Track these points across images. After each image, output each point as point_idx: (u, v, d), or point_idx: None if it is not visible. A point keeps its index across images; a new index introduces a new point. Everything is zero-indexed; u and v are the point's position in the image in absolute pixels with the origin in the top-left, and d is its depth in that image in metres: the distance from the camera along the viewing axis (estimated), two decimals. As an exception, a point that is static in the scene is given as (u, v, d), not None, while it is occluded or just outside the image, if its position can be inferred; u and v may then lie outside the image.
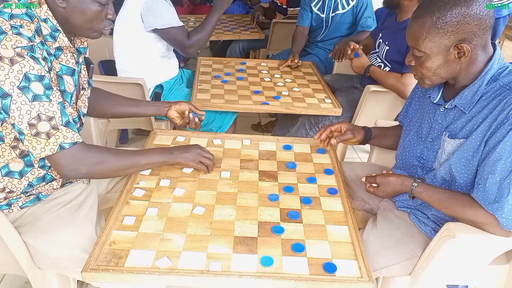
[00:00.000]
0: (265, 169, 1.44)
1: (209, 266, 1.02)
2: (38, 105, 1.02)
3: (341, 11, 2.69)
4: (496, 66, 1.09)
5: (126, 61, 2.16)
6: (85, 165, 1.13)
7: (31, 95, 1.01)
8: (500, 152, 1.02)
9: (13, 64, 0.99)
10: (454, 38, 1.04)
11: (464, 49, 1.05)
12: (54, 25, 1.12)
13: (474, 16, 1.01)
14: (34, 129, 1.03)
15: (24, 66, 1.00)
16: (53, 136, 1.05)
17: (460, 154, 1.12)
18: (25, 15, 1.07)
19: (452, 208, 1.12)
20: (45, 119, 1.04)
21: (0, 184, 1.16)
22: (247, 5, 4.28)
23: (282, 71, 2.43)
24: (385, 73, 2.06)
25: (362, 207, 1.51)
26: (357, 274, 1.02)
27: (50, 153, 1.07)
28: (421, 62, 1.12)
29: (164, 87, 2.22)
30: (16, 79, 0.99)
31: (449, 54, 1.07)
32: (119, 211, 1.18)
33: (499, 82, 1.08)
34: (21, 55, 1.00)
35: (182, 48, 2.10)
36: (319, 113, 2.01)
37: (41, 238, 1.16)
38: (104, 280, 1.01)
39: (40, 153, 1.06)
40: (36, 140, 1.04)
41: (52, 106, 1.05)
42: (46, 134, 1.04)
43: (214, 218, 1.18)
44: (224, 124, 2.15)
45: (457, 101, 1.14)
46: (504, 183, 1.02)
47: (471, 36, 1.03)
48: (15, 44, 1.00)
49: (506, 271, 1.31)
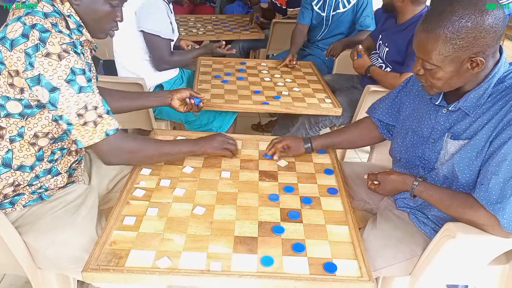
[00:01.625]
0: (265, 169, 1.44)
1: (209, 266, 1.02)
2: (84, 96, 1.08)
3: (342, 9, 2.69)
4: (503, 69, 1.08)
5: (125, 61, 2.16)
6: (125, 152, 1.20)
7: (77, 87, 1.07)
8: (505, 153, 1.02)
9: (61, 59, 1.04)
10: (469, 52, 1.01)
11: (478, 62, 1.02)
12: (77, 21, 1.17)
13: (490, 30, 0.98)
14: (83, 118, 1.09)
15: (70, 61, 1.06)
16: (99, 124, 1.12)
17: (463, 154, 1.12)
18: (55, 13, 1.11)
19: (453, 208, 1.12)
20: (91, 109, 1.10)
21: (11, 179, 1.16)
22: (247, 5, 4.28)
23: (282, 71, 2.43)
24: (384, 73, 2.07)
25: (362, 207, 1.51)
26: (357, 273, 1.03)
27: (98, 140, 1.12)
28: (432, 73, 1.08)
29: (164, 86, 2.22)
30: (64, 73, 1.05)
31: (462, 66, 1.04)
32: (120, 211, 1.18)
33: (505, 83, 1.07)
34: (67, 50, 1.06)
35: (159, 60, 2.11)
36: (319, 113, 2.01)
37: (41, 238, 1.16)
38: (105, 280, 1.02)
39: (88, 141, 1.12)
40: (84, 129, 1.10)
41: (95, 96, 1.11)
42: (93, 123, 1.11)
43: (214, 218, 1.18)
44: (224, 124, 2.16)
45: (462, 104, 1.12)
46: (508, 185, 1.02)
47: (486, 48, 1.01)
48: (61, 41, 1.05)
49: (506, 271, 1.31)
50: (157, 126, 2.18)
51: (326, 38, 2.84)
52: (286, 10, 3.70)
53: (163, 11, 2.04)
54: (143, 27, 2.02)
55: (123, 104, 1.54)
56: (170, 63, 2.14)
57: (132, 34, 2.06)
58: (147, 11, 2.00)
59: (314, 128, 2.27)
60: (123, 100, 1.54)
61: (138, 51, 2.12)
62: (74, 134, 1.11)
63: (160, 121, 2.24)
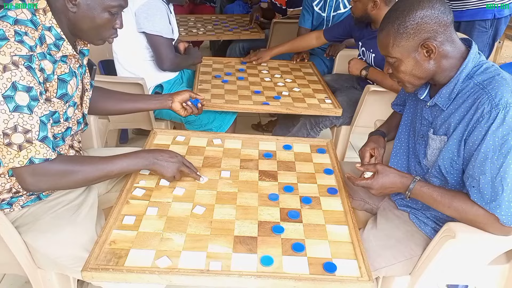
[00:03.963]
0: (265, 169, 1.44)
1: (209, 266, 1.02)
2: (17, 116, 1.00)
3: (342, 10, 2.70)
4: (471, 64, 1.12)
5: (125, 61, 2.16)
6: (46, 180, 1.09)
7: (13, 105, 0.99)
8: (485, 151, 1.04)
9: (5, 71, 0.98)
10: (418, 38, 1.10)
11: (430, 47, 1.09)
12: (58, 33, 1.11)
13: (430, 16, 1.08)
14: (7, 138, 1.00)
15: (15, 75, 0.99)
16: (24, 149, 1.03)
17: (445, 154, 1.15)
18: (29, 22, 1.06)
19: (453, 208, 1.12)
20: (21, 131, 1.01)
21: (7, 185, 1.16)
22: (247, 5, 4.28)
23: (282, 71, 2.43)
24: (384, 74, 2.06)
25: (362, 207, 1.51)
26: (357, 273, 1.02)
27: (18, 166, 1.04)
28: (396, 67, 1.17)
29: (164, 87, 2.22)
30: (3, 86, 0.98)
31: (418, 54, 1.12)
32: (119, 210, 1.18)
33: (474, 80, 1.11)
34: (16, 63, 0.99)
35: (163, 59, 2.09)
36: (319, 113, 2.01)
37: (41, 238, 1.16)
38: (104, 280, 1.01)
39: (8, 163, 1.03)
40: (6, 150, 1.02)
41: (31, 119, 1.02)
42: (18, 146, 1.02)
43: (214, 217, 1.18)
44: (224, 124, 2.15)
45: (436, 99, 1.18)
46: (496, 181, 1.04)
47: (434, 34, 1.09)
48: (14, 52, 0.99)
49: (506, 271, 1.31)
50: (157, 126, 2.18)
51: (326, 38, 2.84)
52: (285, 10, 3.70)
53: (162, 12, 2.04)
54: (144, 28, 2.02)
55: (122, 106, 1.52)
56: (173, 63, 2.13)
57: (131, 35, 2.06)
58: (147, 12, 2.00)
59: (315, 128, 2.27)
60: (123, 102, 1.52)
61: (138, 52, 2.12)
62: None
63: (160, 121, 2.24)
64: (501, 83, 1.06)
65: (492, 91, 1.05)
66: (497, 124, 1.03)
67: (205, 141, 1.59)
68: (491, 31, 2.44)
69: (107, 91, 1.52)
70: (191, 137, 1.62)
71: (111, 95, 1.51)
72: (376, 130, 1.53)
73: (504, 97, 1.03)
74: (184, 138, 1.61)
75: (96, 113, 1.50)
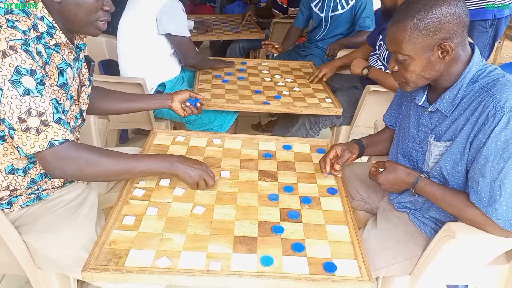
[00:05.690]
0: (265, 169, 1.44)
1: (209, 266, 1.02)
2: (28, 99, 1.00)
3: (340, 11, 2.70)
4: (474, 68, 1.10)
5: (131, 61, 2.17)
6: (72, 165, 1.09)
7: (22, 89, 0.99)
8: (486, 154, 1.04)
9: (5, 57, 0.97)
10: (437, 37, 1.04)
11: (447, 48, 1.05)
12: (50, 23, 1.11)
13: (454, 15, 1.03)
14: (24, 124, 1.01)
15: (16, 59, 0.98)
16: (42, 132, 1.03)
17: (448, 156, 1.14)
18: (21, 11, 1.06)
19: (454, 206, 1.12)
20: (35, 114, 1.01)
21: (5, 182, 1.16)
22: (248, 5, 4.28)
23: (283, 71, 2.43)
24: (385, 73, 2.07)
25: (362, 207, 1.51)
26: (357, 273, 1.02)
27: (40, 150, 1.04)
28: (405, 66, 1.11)
29: (166, 85, 2.23)
30: (8, 72, 0.98)
31: (433, 55, 1.07)
32: (119, 210, 1.18)
33: (478, 84, 1.09)
34: (14, 48, 0.99)
35: (189, 56, 2.21)
36: (319, 113, 2.01)
37: (41, 238, 1.16)
38: (104, 280, 1.02)
39: (30, 149, 1.03)
40: (26, 136, 1.02)
41: (43, 101, 1.02)
42: (35, 130, 1.02)
43: (214, 217, 1.18)
44: (224, 124, 2.16)
45: (439, 105, 1.15)
46: (495, 185, 1.03)
47: (452, 34, 1.04)
48: (9, 37, 0.99)
49: (506, 271, 1.31)
50: (157, 125, 2.18)
51: (325, 39, 2.84)
52: (287, 9, 3.70)
53: (181, 11, 2.10)
54: (169, 30, 2.07)
55: (122, 106, 1.52)
56: (197, 58, 2.27)
57: (146, 36, 2.09)
58: (170, 14, 2.05)
59: (315, 128, 2.27)
60: (123, 102, 1.52)
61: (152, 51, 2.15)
62: (16, 141, 1.03)
63: (160, 121, 2.24)
64: (506, 86, 1.04)
65: (497, 93, 1.04)
66: (500, 128, 1.01)
67: (205, 141, 1.59)
68: (491, 31, 2.44)
69: (106, 91, 1.51)
70: (191, 137, 1.62)
71: (110, 95, 1.51)
72: (357, 139, 1.48)
73: (509, 100, 1.02)
74: (184, 138, 1.61)
75: (95, 113, 1.50)
